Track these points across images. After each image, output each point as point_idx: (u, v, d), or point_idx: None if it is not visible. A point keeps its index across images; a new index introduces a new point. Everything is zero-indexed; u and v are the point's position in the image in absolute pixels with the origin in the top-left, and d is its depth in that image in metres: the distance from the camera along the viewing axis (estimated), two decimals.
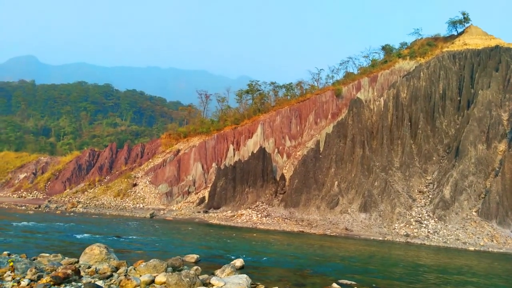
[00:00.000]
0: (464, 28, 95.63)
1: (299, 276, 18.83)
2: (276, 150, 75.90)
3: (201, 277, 14.35)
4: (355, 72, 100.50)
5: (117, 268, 15.07)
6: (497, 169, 57.91)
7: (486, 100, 67.13)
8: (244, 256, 22.60)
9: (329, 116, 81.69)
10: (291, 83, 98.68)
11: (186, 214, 63.40)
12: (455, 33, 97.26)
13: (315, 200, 61.07)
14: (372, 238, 49.19)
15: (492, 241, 48.15)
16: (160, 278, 13.37)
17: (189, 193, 72.81)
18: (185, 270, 14.55)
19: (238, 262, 19.15)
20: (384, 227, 53.32)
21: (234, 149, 78.84)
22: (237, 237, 37.85)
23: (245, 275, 14.21)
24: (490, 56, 77.90)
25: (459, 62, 79.69)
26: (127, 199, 71.64)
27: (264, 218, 58.47)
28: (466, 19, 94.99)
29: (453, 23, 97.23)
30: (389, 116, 70.63)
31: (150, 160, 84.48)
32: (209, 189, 69.25)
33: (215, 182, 68.13)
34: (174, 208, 67.54)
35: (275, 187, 66.10)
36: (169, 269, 15.27)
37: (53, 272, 12.58)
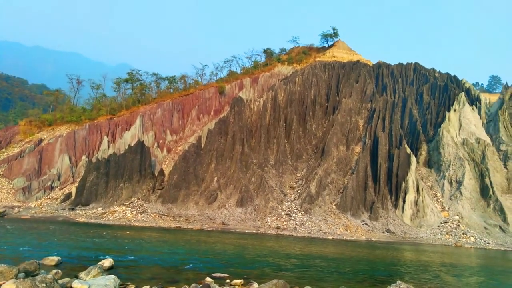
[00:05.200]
0: (334, 41, 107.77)
1: (173, 272, 18.47)
2: (155, 144, 73.33)
3: (61, 281, 12.89)
4: (238, 71, 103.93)
5: None
6: (353, 168, 66.72)
7: (347, 107, 76.67)
8: (114, 255, 21.14)
9: (212, 113, 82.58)
10: (175, 76, 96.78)
11: (48, 212, 56.52)
12: (326, 45, 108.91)
13: (194, 195, 60.97)
14: (246, 231, 51.47)
15: (347, 230, 55.27)
16: (8, 286, 11.50)
17: (52, 188, 65.06)
18: (42, 275, 12.80)
19: (107, 262, 17.84)
20: (258, 220, 56.32)
21: (108, 141, 73.36)
22: (108, 235, 35.27)
23: (113, 276, 13.29)
24: (352, 69, 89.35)
25: (328, 71, 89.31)
26: None
27: (140, 214, 55.91)
28: (335, 34, 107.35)
29: (325, 36, 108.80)
30: (267, 116, 74.92)
31: (4, 150, 72.83)
32: (77, 184, 63.08)
33: (84, 176, 62.38)
34: (32, 206, 59.48)
35: (153, 182, 63.76)
36: (21, 274, 13.29)
37: None
